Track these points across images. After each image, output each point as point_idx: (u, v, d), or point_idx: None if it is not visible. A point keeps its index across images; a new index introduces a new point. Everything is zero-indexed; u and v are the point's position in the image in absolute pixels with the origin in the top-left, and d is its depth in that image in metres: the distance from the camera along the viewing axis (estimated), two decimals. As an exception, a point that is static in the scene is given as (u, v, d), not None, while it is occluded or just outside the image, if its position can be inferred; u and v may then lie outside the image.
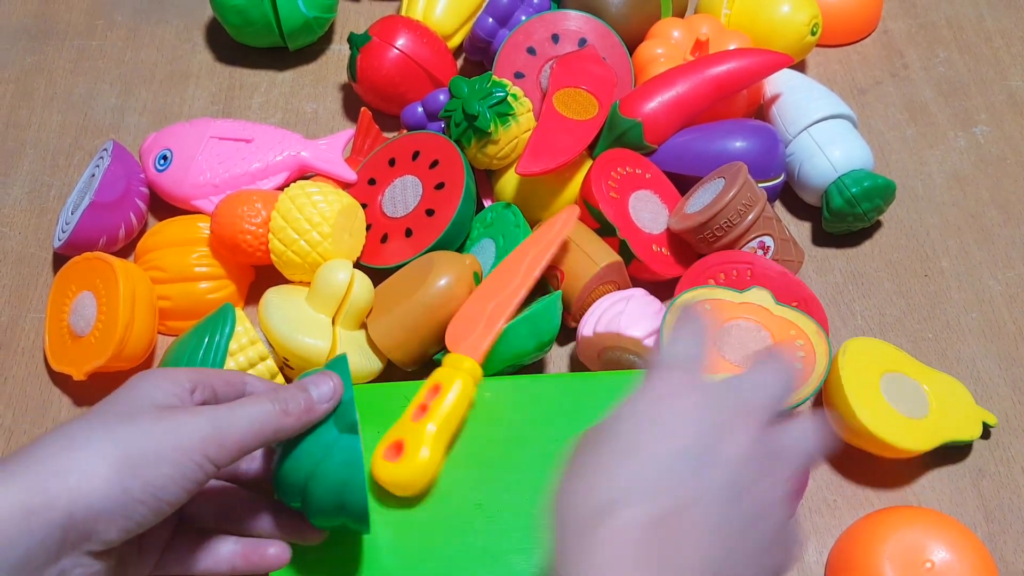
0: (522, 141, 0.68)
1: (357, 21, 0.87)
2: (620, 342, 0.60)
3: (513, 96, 0.67)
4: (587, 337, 0.61)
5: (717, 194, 0.63)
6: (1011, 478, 0.61)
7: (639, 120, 0.68)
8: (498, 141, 0.67)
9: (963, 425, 0.61)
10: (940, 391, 0.62)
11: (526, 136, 0.68)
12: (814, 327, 0.60)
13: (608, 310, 0.61)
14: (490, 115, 0.66)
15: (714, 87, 0.69)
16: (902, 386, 0.61)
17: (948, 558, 0.53)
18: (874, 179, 0.68)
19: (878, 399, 0.59)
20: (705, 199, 0.65)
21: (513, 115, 0.67)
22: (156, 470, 0.39)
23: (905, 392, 0.60)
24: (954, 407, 0.61)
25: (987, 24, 0.86)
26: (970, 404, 0.62)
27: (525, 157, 0.65)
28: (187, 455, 0.40)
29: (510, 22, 0.77)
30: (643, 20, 0.77)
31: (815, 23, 0.77)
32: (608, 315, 0.61)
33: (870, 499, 0.60)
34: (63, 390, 0.66)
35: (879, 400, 0.59)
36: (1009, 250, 0.72)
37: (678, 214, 0.66)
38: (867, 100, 0.81)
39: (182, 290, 0.66)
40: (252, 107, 0.81)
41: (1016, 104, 0.80)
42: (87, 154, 0.78)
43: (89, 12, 0.88)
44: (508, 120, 0.66)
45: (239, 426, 0.42)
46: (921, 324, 0.68)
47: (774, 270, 0.62)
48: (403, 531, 0.54)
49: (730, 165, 0.66)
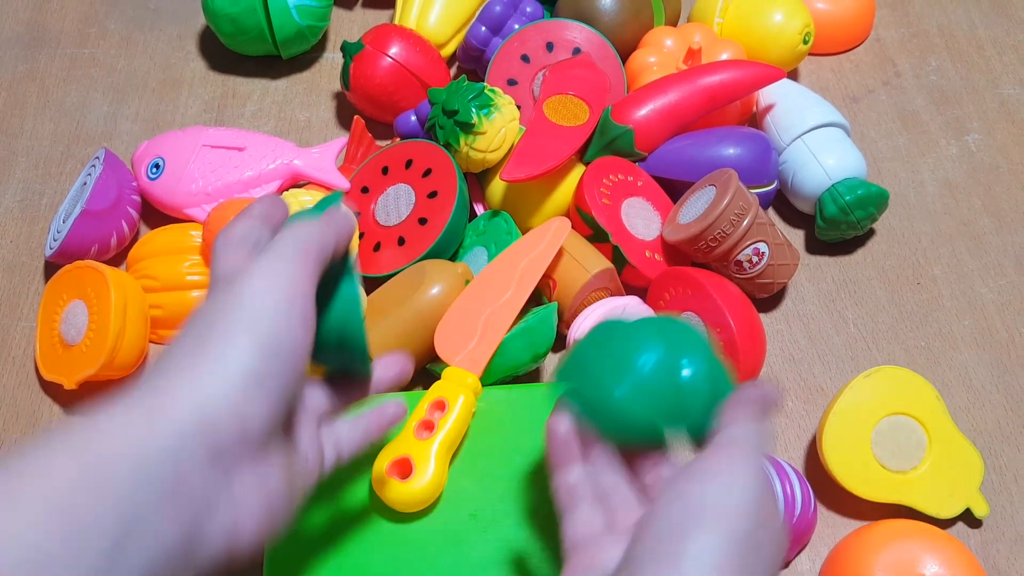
0: (510, 131, 0.68)
1: (350, 29, 0.87)
2: None
3: (491, 90, 0.67)
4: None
5: (710, 204, 0.63)
6: (1003, 486, 0.61)
7: (630, 127, 0.68)
8: (485, 132, 0.66)
9: (947, 496, 0.58)
10: (945, 454, 0.59)
11: (513, 125, 0.68)
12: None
13: (606, 315, 0.61)
14: (471, 107, 0.66)
15: (706, 97, 0.69)
16: (904, 433, 0.59)
17: (941, 572, 0.53)
18: (868, 187, 0.68)
19: (862, 438, 0.58)
20: (697, 208, 0.65)
21: (494, 105, 0.67)
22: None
23: (901, 440, 0.59)
24: (950, 470, 0.59)
25: (979, 32, 0.86)
26: (971, 483, 0.59)
27: (510, 163, 0.65)
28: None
29: (503, 31, 0.77)
30: (636, 29, 0.77)
31: (807, 32, 0.77)
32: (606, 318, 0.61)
33: (863, 511, 0.60)
34: (54, 399, 0.65)
35: (862, 439, 0.58)
36: (1001, 258, 0.72)
37: (671, 224, 0.66)
38: (860, 108, 0.81)
39: (174, 299, 0.66)
40: (245, 115, 0.80)
41: (1008, 112, 0.81)
42: (79, 162, 0.77)
43: (82, 20, 0.88)
44: (490, 110, 0.66)
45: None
46: (913, 332, 0.68)
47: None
48: (397, 542, 0.54)
49: (720, 172, 0.66)
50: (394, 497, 0.53)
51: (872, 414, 0.59)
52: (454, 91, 0.67)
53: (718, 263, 0.65)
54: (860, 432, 0.58)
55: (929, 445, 0.59)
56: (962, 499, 0.59)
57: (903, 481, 0.58)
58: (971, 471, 0.59)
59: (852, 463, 0.58)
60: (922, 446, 0.59)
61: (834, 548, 0.57)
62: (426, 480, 0.53)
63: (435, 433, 0.54)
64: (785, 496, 0.54)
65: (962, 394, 0.65)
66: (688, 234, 0.63)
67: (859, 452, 0.58)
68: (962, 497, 0.59)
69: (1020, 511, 0.60)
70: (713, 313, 0.60)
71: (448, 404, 0.55)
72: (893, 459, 0.58)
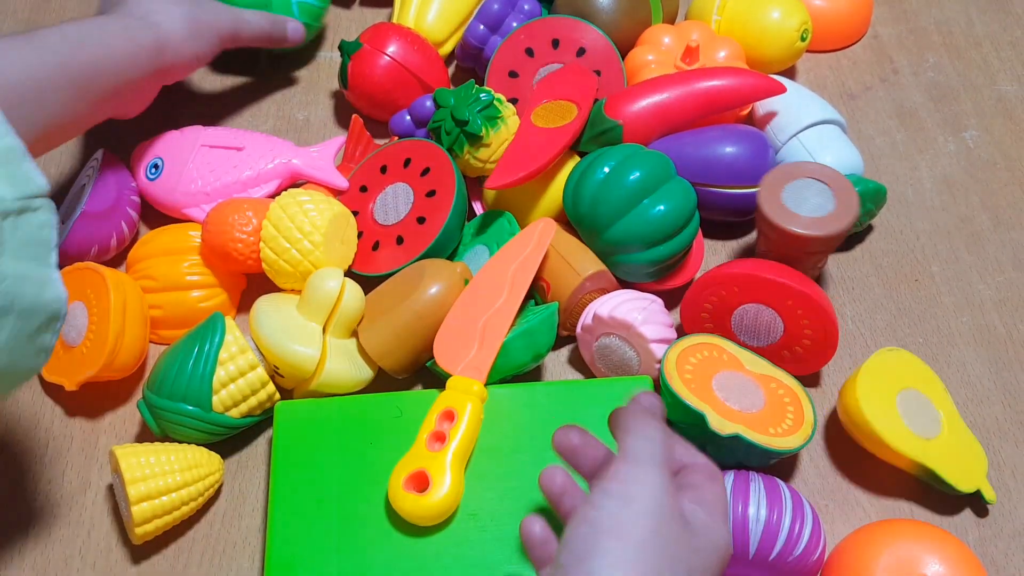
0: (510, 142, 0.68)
1: (348, 28, 0.87)
2: (628, 335, 0.61)
3: (499, 100, 0.68)
4: (600, 317, 0.61)
5: (835, 199, 0.62)
6: (1002, 482, 0.61)
7: (620, 122, 0.68)
8: (489, 144, 0.67)
9: (963, 472, 0.59)
10: (957, 435, 0.60)
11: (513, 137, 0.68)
12: (791, 377, 0.61)
13: (628, 302, 0.61)
14: (480, 119, 0.66)
15: (701, 101, 0.69)
16: (922, 406, 0.60)
17: (942, 571, 0.53)
18: (865, 184, 0.68)
19: (889, 397, 0.59)
20: (816, 203, 0.63)
21: (501, 118, 0.67)
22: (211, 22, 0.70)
23: (920, 411, 0.60)
24: (963, 450, 0.60)
25: (976, 29, 0.86)
26: (980, 465, 0.60)
27: (494, 171, 0.66)
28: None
29: (501, 29, 0.77)
30: (634, 26, 0.77)
31: (805, 29, 0.77)
32: (628, 307, 0.61)
33: (864, 508, 0.60)
34: (55, 400, 0.65)
35: (889, 399, 0.59)
36: (999, 254, 0.72)
37: (783, 213, 0.62)
38: (857, 105, 0.81)
39: (174, 299, 0.66)
40: (243, 115, 0.80)
41: (1005, 109, 0.81)
42: (77, 164, 0.77)
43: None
44: (497, 123, 0.67)
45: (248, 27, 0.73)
46: (911, 329, 0.68)
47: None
48: (397, 542, 0.54)
49: (810, 165, 0.64)
50: (413, 511, 0.53)
51: (897, 381, 0.60)
52: (463, 98, 0.67)
53: (809, 260, 0.65)
54: (887, 392, 0.59)
55: (944, 422, 0.60)
56: (974, 480, 0.59)
57: (929, 445, 0.59)
58: (979, 458, 0.60)
59: (883, 417, 0.58)
60: (938, 421, 0.60)
61: (835, 548, 0.57)
62: (444, 492, 0.53)
63: (447, 444, 0.54)
64: (791, 534, 0.54)
65: (960, 390, 0.65)
66: (834, 229, 0.61)
67: (887, 410, 0.59)
68: (975, 478, 0.59)
69: (1018, 507, 0.61)
70: (804, 304, 0.61)
71: (457, 414, 0.56)
72: (916, 425, 0.59)
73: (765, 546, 0.53)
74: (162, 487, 0.56)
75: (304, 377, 0.60)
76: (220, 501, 0.61)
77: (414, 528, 0.54)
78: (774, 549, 0.53)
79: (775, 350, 0.63)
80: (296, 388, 0.62)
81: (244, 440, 0.63)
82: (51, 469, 0.62)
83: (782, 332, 0.62)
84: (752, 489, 0.55)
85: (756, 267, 0.62)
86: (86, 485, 0.62)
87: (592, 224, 0.64)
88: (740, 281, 0.61)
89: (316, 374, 0.60)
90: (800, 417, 0.58)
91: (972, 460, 0.60)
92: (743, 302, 0.62)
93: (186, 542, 0.60)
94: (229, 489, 0.61)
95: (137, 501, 0.55)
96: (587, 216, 0.64)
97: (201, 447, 0.60)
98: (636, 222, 0.62)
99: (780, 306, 0.61)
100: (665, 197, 0.63)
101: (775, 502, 0.54)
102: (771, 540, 0.54)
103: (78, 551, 0.59)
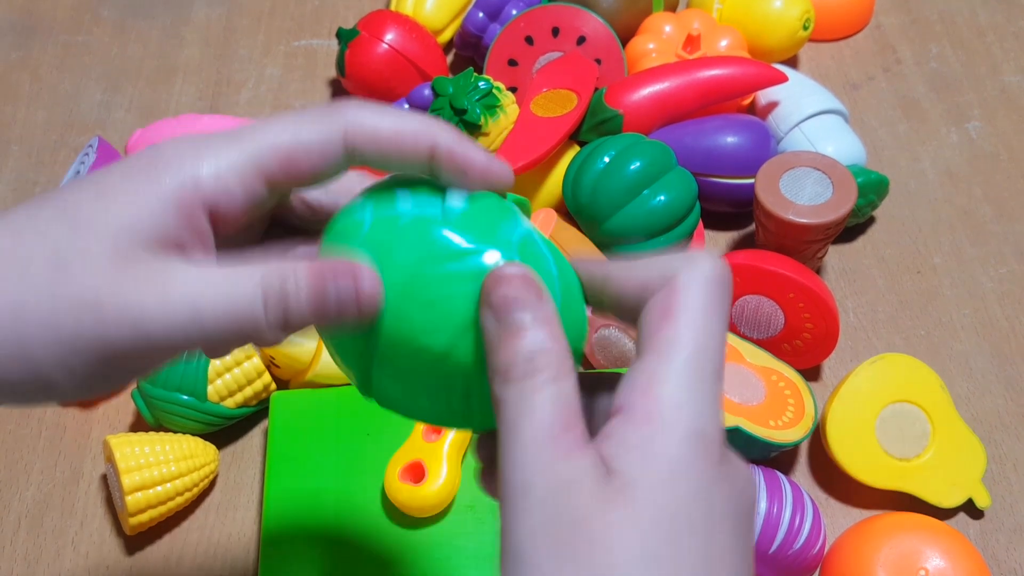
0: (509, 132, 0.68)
1: (346, 16, 0.86)
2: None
3: (497, 88, 0.67)
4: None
5: (833, 187, 0.62)
6: (1003, 476, 0.61)
7: (621, 112, 0.68)
8: (488, 133, 0.67)
9: (950, 486, 0.58)
10: (949, 443, 0.59)
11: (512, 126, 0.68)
12: (792, 370, 0.61)
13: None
14: (479, 108, 0.66)
15: (703, 91, 0.69)
16: (908, 421, 0.59)
17: (942, 565, 0.53)
18: (867, 174, 0.68)
19: (866, 425, 0.58)
20: (814, 191, 0.62)
21: (500, 106, 0.67)
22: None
23: (905, 428, 0.58)
24: (954, 459, 0.59)
25: (980, 19, 0.85)
26: (974, 473, 0.59)
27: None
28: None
29: (501, 16, 0.76)
30: (635, 15, 0.76)
31: (807, 18, 0.76)
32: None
33: (866, 500, 0.60)
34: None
35: (866, 426, 0.58)
36: (1002, 246, 0.72)
37: (781, 202, 0.62)
38: (860, 95, 0.80)
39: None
40: (240, 103, 0.80)
41: (1009, 99, 0.80)
42: (73, 150, 0.77)
43: (75, 7, 0.87)
44: (496, 112, 0.67)
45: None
46: (913, 321, 0.68)
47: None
48: (393, 534, 0.54)
49: (806, 154, 0.64)
50: (409, 502, 0.53)
51: (877, 401, 0.59)
52: (462, 86, 0.67)
53: (808, 250, 0.64)
54: (864, 419, 0.58)
55: (932, 434, 0.59)
56: (964, 489, 0.58)
57: (907, 469, 0.58)
58: (974, 461, 0.59)
59: (856, 450, 0.58)
60: (926, 434, 0.59)
61: (835, 541, 0.57)
62: (440, 483, 0.53)
63: (444, 435, 0.54)
64: (791, 527, 0.54)
65: (962, 383, 0.65)
66: (831, 217, 0.61)
67: (863, 439, 0.58)
68: (965, 487, 0.58)
69: (1019, 501, 0.60)
70: (807, 296, 0.60)
71: None
72: (897, 446, 0.58)
73: (765, 539, 0.53)
74: (156, 477, 0.56)
75: (300, 367, 0.60)
76: (215, 491, 0.61)
77: (410, 519, 0.54)
78: (774, 542, 0.53)
79: (776, 342, 0.62)
80: (292, 378, 0.62)
81: (239, 430, 0.63)
82: (44, 459, 0.62)
83: (783, 324, 0.61)
84: None
85: (757, 258, 0.61)
86: (79, 475, 0.61)
87: (592, 214, 0.63)
88: (741, 272, 0.61)
89: (312, 364, 0.59)
90: (801, 410, 0.58)
91: (964, 468, 0.59)
92: (744, 293, 0.61)
93: (180, 532, 0.59)
94: (224, 479, 0.61)
95: (131, 491, 0.55)
96: (587, 206, 0.63)
97: (196, 437, 0.59)
98: (636, 212, 0.62)
99: (781, 298, 0.60)
100: (666, 187, 0.62)
101: (775, 495, 0.54)
102: (771, 533, 0.53)
103: (71, 541, 0.59)
